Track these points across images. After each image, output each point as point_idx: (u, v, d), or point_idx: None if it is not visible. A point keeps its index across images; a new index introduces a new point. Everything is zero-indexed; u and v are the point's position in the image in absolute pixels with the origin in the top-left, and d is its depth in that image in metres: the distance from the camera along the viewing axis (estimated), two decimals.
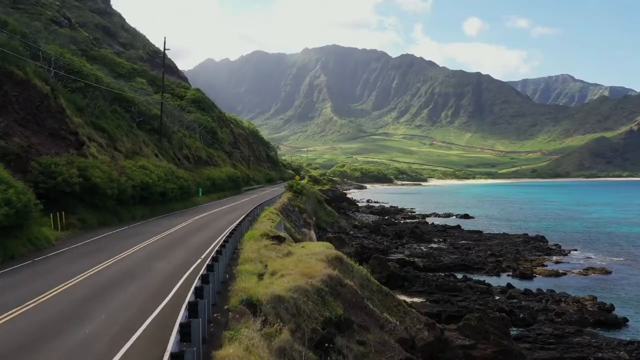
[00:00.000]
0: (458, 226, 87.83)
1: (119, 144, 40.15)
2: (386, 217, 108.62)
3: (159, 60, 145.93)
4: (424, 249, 63.93)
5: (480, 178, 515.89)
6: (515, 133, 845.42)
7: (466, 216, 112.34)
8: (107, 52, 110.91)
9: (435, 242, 70.29)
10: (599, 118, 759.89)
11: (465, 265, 53.90)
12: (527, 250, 63.54)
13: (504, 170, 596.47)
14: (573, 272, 53.31)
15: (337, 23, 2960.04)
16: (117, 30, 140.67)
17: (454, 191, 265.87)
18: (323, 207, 74.64)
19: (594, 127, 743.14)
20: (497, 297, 39.79)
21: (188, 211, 38.65)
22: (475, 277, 49.59)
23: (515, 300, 38.23)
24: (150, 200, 33.91)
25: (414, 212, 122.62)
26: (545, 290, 42.52)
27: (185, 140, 65.74)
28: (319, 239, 56.04)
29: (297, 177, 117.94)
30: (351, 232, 68.69)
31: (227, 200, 55.18)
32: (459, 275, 49.09)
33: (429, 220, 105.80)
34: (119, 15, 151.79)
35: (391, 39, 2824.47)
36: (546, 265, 56.39)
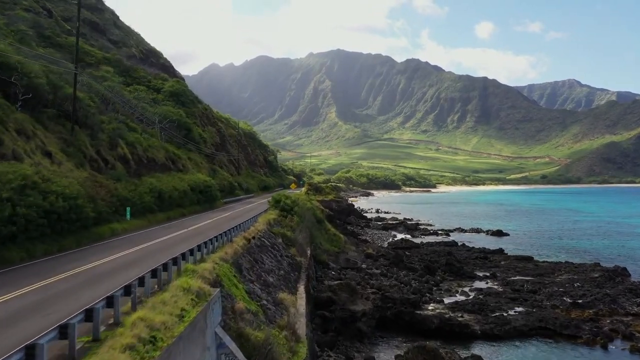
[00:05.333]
0: (500, 250, 67.85)
1: None
2: (403, 234, 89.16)
3: (154, 59, 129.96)
4: (470, 293, 44.05)
5: (491, 184, 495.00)
6: (522, 138, 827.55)
7: (499, 233, 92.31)
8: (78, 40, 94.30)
9: (481, 279, 50.32)
10: (608, 123, 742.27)
11: (547, 329, 34.08)
12: (622, 295, 43.43)
13: (513, 176, 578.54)
14: None
15: (345, 27, 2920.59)
16: (108, 27, 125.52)
17: (468, 199, 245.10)
18: (324, 230, 54.48)
19: (603, 132, 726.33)
20: None
21: (33, 268, 18.94)
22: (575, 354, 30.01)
23: None
24: None
25: (434, 227, 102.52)
26: None
27: (130, 136, 46.36)
28: (317, 286, 36.28)
29: (293, 185, 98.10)
30: (364, 266, 48.82)
31: (172, 226, 35.43)
32: (548, 352, 29.39)
33: (455, 237, 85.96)
34: (112, 12, 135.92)
35: (397, 43, 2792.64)
36: None
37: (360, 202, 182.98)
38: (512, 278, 50.50)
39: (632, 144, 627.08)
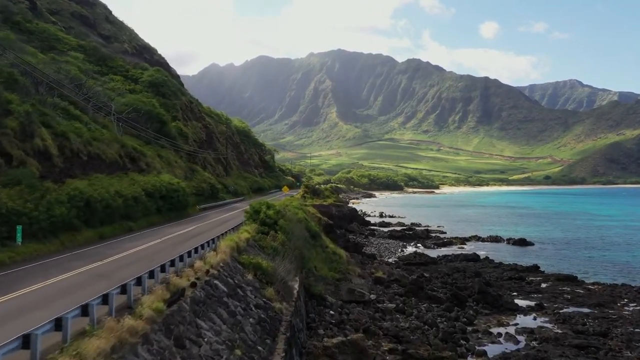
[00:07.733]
0: (535, 267, 56.26)
1: None
2: (413, 245, 77.71)
3: (147, 55, 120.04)
4: (517, 336, 32.38)
5: (494, 185, 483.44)
6: (524, 138, 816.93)
7: (523, 242, 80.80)
8: (49, 26, 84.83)
9: (525, 312, 38.61)
10: (611, 123, 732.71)
11: None
12: None
13: (515, 177, 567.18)
14: None
15: (348, 27, 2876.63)
16: (99, 22, 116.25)
17: (474, 201, 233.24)
18: (320, 247, 42.24)
19: (606, 132, 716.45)
20: None
21: None
22: None
23: None
24: None
25: (446, 235, 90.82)
26: None
27: (63, 125, 34.97)
28: (306, 342, 24.52)
29: (285, 188, 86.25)
30: (373, 297, 37.13)
31: (90, 254, 23.40)
32: None
33: (474, 247, 74.62)
34: (104, 7, 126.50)
35: (400, 44, 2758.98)
36: None
37: (362, 205, 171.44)
38: (566, 310, 38.87)
39: (635, 144, 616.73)
